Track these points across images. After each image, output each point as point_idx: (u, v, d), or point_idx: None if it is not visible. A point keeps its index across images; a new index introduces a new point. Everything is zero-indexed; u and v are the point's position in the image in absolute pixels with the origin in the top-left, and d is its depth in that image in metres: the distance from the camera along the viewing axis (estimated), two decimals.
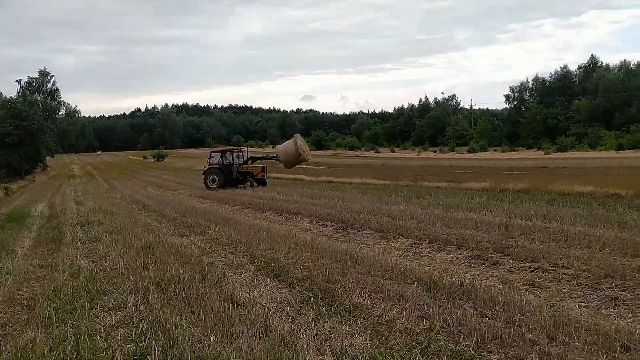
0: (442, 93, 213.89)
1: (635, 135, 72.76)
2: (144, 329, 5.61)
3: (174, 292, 6.95)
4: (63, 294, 7.22)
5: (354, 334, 5.27)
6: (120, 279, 8.01)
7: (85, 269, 8.89)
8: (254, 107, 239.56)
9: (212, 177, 29.54)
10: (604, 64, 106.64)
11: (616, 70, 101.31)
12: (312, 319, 5.78)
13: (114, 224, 14.50)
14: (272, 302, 6.53)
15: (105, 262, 9.40)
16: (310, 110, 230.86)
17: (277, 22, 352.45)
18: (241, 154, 31.43)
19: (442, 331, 5.22)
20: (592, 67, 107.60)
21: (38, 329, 5.84)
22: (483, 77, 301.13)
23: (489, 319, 5.46)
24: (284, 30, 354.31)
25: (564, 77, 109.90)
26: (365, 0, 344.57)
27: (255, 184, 28.78)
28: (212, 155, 31.27)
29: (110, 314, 6.36)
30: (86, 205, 21.39)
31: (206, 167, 30.55)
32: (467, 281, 6.88)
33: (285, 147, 29.92)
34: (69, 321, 6.06)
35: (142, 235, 12.05)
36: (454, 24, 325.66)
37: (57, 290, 7.48)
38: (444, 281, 6.94)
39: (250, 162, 30.71)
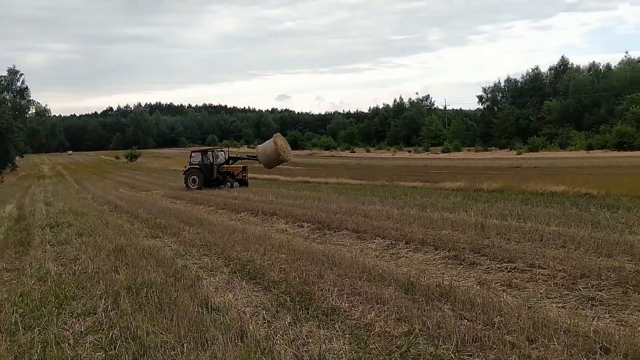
0: (417, 93, 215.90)
1: (604, 135, 74.35)
2: (114, 336, 5.41)
3: (146, 296, 6.74)
4: (30, 299, 6.95)
5: (332, 338, 5.15)
6: (90, 283, 7.75)
7: (54, 272, 8.59)
8: (228, 107, 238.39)
9: (192, 177, 28.91)
10: (574, 66, 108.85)
11: (585, 72, 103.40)
12: (289, 323, 5.65)
13: (85, 225, 14.15)
14: (248, 306, 6.37)
15: (75, 266, 9.12)
16: (286, 109, 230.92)
17: (251, 21, 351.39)
18: (222, 153, 30.75)
19: (421, 334, 5.13)
20: (563, 68, 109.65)
21: (3, 337, 5.59)
22: (456, 77, 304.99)
23: (467, 321, 5.41)
24: (258, 29, 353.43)
25: (535, 78, 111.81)
26: (340, 0, 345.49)
27: (236, 184, 28.16)
28: (193, 155, 30.58)
29: (79, 320, 6.12)
30: (56, 206, 20.87)
31: (187, 167, 29.92)
32: (445, 282, 6.83)
33: (264, 146, 29.14)
34: (36, 328, 5.82)
35: (114, 237, 11.76)
36: (428, 24, 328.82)
37: (24, 295, 7.21)
38: (422, 282, 6.87)
39: (230, 162, 30.07)
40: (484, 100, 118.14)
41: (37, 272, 8.70)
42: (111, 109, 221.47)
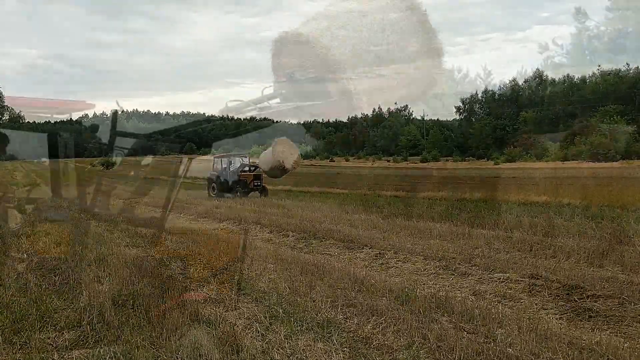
0: (395, 103, 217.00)
1: (579, 147, 75.62)
2: (101, 350, 5.16)
3: (132, 308, 6.49)
4: (10, 312, 6.62)
5: (332, 352, 4.98)
6: (72, 294, 7.45)
7: (34, 283, 8.25)
8: (206, 115, 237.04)
9: (212, 184, 27.86)
10: (549, 78, 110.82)
11: (560, 84, 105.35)
12: (284, 336, 5.46)
13: (62, 234, 13.71)
14: (239, 318, 6.17)
15: (55, 276, 8.76)
16: (265, 118, 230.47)
17: (229, 28, 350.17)
18: (239, 160, 28.54)
19: (422, 347, 5.00)
20: (538, 80, 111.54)
21: None
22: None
23: (467, 333, 5.29)
24: (237, 37, 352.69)
25: (512, 89, 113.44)
26: (318, 10, 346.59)
27: (255, 193, 26.44)
28: (215, 160, 29.45)
29: (62, 333, 5.83)
30: (31, 214, 20.28)
31: (209, 174, 28.88)
32: (440, 294, 6.71)
33: (265, 153, 27.49)
34: (17, 343, 5.53)
35: (94, 246, 11.38)
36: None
37: (3, 307, 6.87)
38: (416, 293, 6.74)
39: (241, 169, 28.49)
40: (461, 110, 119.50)
41: (16, 283, 8.33)
42: (86, 115, 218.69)
